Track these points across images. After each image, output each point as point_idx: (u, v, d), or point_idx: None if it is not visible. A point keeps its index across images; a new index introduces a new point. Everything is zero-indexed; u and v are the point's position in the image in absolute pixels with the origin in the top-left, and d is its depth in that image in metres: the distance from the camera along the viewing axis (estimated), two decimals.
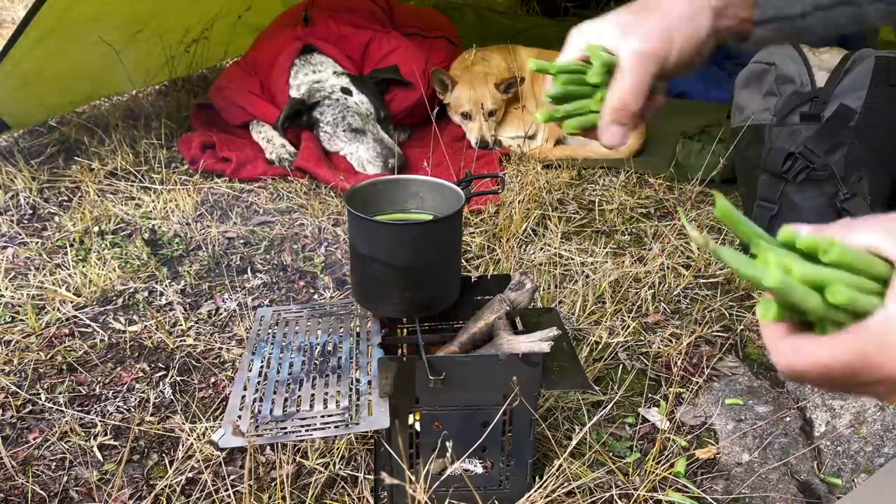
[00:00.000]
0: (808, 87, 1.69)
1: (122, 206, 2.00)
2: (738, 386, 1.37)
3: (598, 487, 1.13)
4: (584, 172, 2.34)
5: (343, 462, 1.16)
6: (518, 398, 0.98)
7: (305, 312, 1.19)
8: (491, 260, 1.74)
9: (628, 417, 1.30)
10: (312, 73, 2.41)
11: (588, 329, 1.52)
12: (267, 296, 1.64)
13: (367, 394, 0.97)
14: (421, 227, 1.02)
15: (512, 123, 2.65)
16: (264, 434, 0.90)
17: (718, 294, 1.65)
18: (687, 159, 2.31)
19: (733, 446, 1.23)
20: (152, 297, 1.62)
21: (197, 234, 1.87)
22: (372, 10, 2.78)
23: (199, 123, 2.54)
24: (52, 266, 1.72)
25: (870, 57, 1.63)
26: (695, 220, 2.01)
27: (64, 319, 1.53)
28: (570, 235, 1.92)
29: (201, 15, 2.77)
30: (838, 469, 1.18)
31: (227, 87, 2.51)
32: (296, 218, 2.00)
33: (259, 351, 1.08)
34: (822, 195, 1.68)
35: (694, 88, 3.29)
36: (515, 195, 2.01)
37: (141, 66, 2.60)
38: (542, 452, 1.18)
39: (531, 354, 0.96)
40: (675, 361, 1.43)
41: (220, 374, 1.38)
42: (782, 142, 1.71)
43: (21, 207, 2.01)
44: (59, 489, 1.13)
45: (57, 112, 2.61)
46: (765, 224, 1.75)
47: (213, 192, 2.13)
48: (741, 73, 1.91)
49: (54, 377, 1.37)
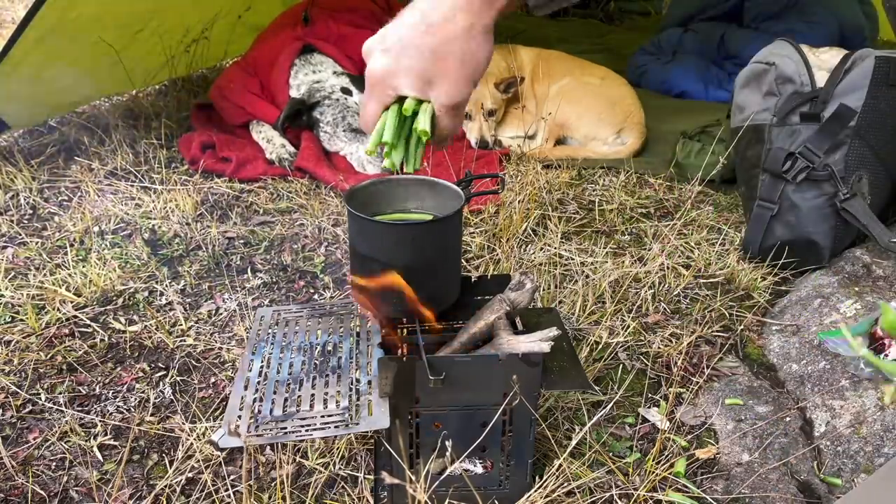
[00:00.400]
0: (808, 87, 1.69)
1: (122, 206, 2.01)
2: (738, 386, 1.37)
3: (598, 487, 1.13)
4: (584, 172, 2.34)
5: (343, 462, 1.16)
6: (518, 398, 0.98)
7: (305, 312, 1.19)
8: (491, 260, 1.74)
9: (628, 417, 1.30)
10: (312, 73, 2.41)
11: (588, 329, 1.52)
12: (267, 296, 1.64)
13: (367, 394, 0.97)
14: (421, 227, 1.02)
15: (512, 123, 2.65)
16: (264, 434, 0.90)
17: (718, 294, 1.65)
18: (687, 159, 2.31)
19: (733, 446, 1.23)
20: (152, 297, 1.62)
21: (197, 234, 1.88)
22: (372, 10, 2.78)
23: (199, 123, 2.54)
24: (52, 266, 1.72)
25: (870, 57, 1.63)
26: (695, 221, 2.01)
27: (64, 319, 1.53)
28: (570, 235, 1.92)
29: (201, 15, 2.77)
30: (838, 469, 1.18)
31: (227, 87, 2.51)
32: (296, 218, 2.00)
33: (259, 351, 1.08)
34: (822, 195, 1.68)
35: (694, 88, 3.30)
36: (515, 195, 2.01)
37: (141, 66, 2.60)
38: (542, 452, 1.18)
39: (531, 354, 0.96)
40: (675, 361, 1.43)
41: (220, 374, 1.38)
42: (782, 142, 1.71)
43: (21, 207, 2.01)
44: (59, 489, 1.13)
45: (57, 112, 2.61)
46: (765, 224, 1.75)
47: (213, 192, 2.13)
48: (741, 73, 1.91)
49: (54, 377, 1.37)
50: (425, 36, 0.79)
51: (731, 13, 3.53)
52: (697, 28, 3.56)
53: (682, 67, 3.36)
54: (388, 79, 0.83)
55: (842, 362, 1.36)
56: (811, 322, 1.51)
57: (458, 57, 0.80)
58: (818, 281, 1.64)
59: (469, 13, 0.77)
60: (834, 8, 3.31)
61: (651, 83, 3.38)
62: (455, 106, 0.85)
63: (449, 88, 0.82)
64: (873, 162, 1.66)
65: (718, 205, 2.15)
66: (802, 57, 1.73)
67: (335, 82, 2.38)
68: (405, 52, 0.81)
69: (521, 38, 2.95)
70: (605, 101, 2.60)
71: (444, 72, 0.81)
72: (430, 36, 0.79)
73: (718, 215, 2.07)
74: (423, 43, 0.79)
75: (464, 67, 0.81)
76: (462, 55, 0.80)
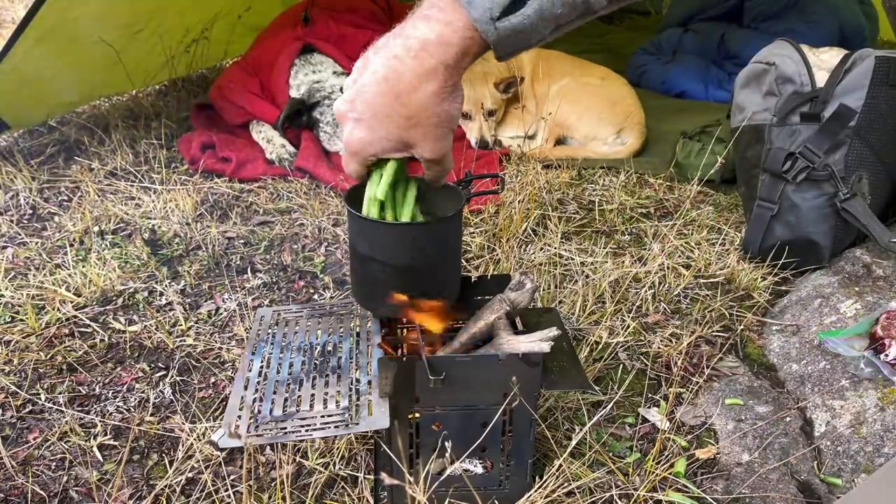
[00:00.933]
0: (808, 87, 1.69)
1: (122, 206, 2.00)
2: (738, 386, 1.37)
3: (598, 487, 1.13)
4: (584, 172, 2.34)
5: (343, 462, 1.16)
6: (518, 398, 0.98)
7: (305, 312, 1.19)
8: (491, 260, 1.74)
9: (628, 417, 1.30)
10: (312, 73, 2.41)
11: (588, 329, 1.52)
12: (267, 296, 1.64)
13: (367, 394, 0.96)
14: (421, 227, 1.01)
15: (512, 123, 2.65)
16: (264, 434, 0.90)
17: (718, 294, 1.65)
18: (687, 159, 2.31)
19: (733, 446, 1.23)
20: (152, 297, 1.62)
21: (197, 234, 1.87)
22: (372, 10, 2.78)
23: (199, 123, 2.54)
24: (52, 266, 1.72)
25: (870, 57, 1.63)
26: (695, 221, 2.01)
27: (64, 319, 1.53)
28: (570, 235, 1.92)
29: (201, 15, 2.77)
30: (838, 469, 1.18)
31: (227, 87, 2.51)
32: (296, 218, 2.00)
33: (259, 351, 1.08)
34: (822, 195, 1.68)
35: (694, 88, 3.30)
36: (515, 195, 2.01)
37: (141, 66, 2.60)
38: (542, 452, 1.18)
39: (531, 354, 0.96)
40: (675, 361, 1.43)
41: (220, 374, 1.38)
42: (782, 142, 1.71)
43: (21, 207, 2.01)
44: (59, 489, 1.13)
45: (57, 112, 2.61)
46: (765, 224, 1.75)
47: (213, 192, 2.13)
48: (741, 73, 1.91)
49: (54, 377, 1.37)
50: (396, 105, 0.80)
51: (731, 13, 3.53)
52: (697, 28, 3.56)
53: (682, 67, 3.36)
54: (367, 148, 0.85)
55: (842, 362, 1.36)
56: (811, 322, 1.51)
57: (433, 119, 0.81)
58: (818, 281, 1.64)
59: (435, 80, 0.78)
60: (834, 8, 3.31)
61: (651, 83, 3.37)
62: (439, 160, 0.86)
63: (429, 146, 0.84)
64: (873, 162, 1.66)
65: (718, 205, 2.15)
66: (802, 57, 1.73)
67: (335, 82, 2.38)
68: (379, 122, 0.82)
69: None
70: (605, 101, 2.60)
71: (422, 135, 0.82)
72: (402, 106, 0.80)
73: (718, 215, 2.07)
74: (396, 112, 0.81)
75: (440, 126, 0.82)
76: (436, 117, 0.81)
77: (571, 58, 2.86)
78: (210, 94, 2.61)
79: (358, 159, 0.87)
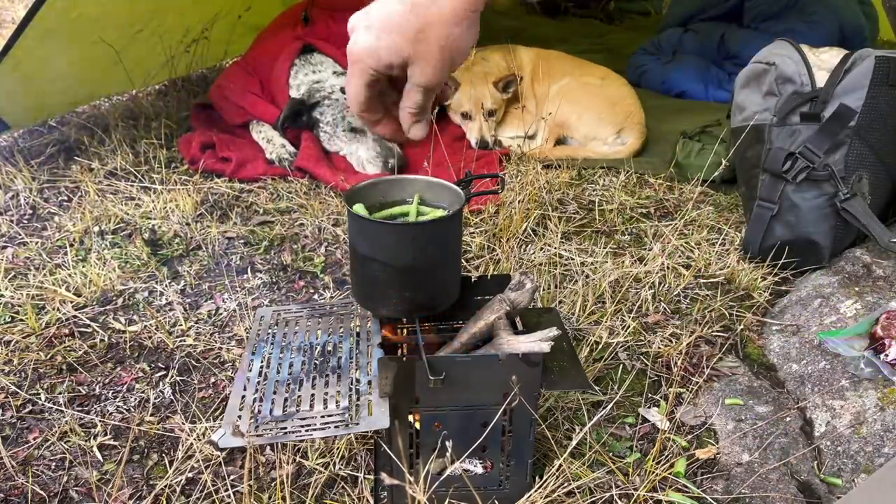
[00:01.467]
0: (808, 87, 1.69)
1: (122, 206, 2.00)
2: (738, 386, 1.37)
3: (598, 487, 1.13)
4: (584, 172, 2.34)
5: (343, 462, 1.16)
6: (518, 398, 0.98)
7: (305, 312, 1.19)
8: (491, 260, 1.74)
9: (628, 417, 1.30)
10: (312, 73, 2.41)
11: (588, 329, 1.52)
12: (267, 296, 1.64)
13: (367, 394, 0.96)
14: (421, 227, 1.01)
15: (512, 123, 2.65)
16: (264, 434, 0.90)
17: (718, 294, 1.65)
18: (687, 159, 2.31)
19: (733, 446, 1.23)
20: (152, 297, 1.62)
21: (197, 234, 1.87)
22: None
23: (199, 123, 2.54)
24: (52, 266, 1.72)
25: (870, 57, 1.63)
26: (695, 221, 2.01)
27: (64, 319, 1.53)
28: (570, 235, 1.92)
29: (201, 15, 2.77)
30: (838, 469, 1.18)
31: (227, 87, 2.51)
32: (296, 218, 2.00)
33: (259, 351, 1.08)
34: (822, 195, 1.68)
35: (694, 88, 3.30)
36: (515, 195, 2.01)
37: (141, 66, 2.60)
38: (542, 452, 1.18)
39: (531, 354, 0.96)
40: (675, 361, 1.43)
41: (220, 374, 1.38)
42: (782, 142, 1.71)
43: (21, 207, 2.01)
44: (59, 489, 1.13)
45: (57, 112, 2.61)
46: (765, 224, 1.75)
47: (213, 192, 2.13)
48: (741, 73, 1.91)
49: (54, 377, 1.37)
50: (409, 16, 0.79)
51: (731, 13, 3.53)
52: (697, 28, 3.56)
53: (682, 67, 3.36)
54: (368, 57, 0.83)
55: (842, 362, 1.36)
56: (811, 322, 1.51)
57: (441, 41, 0.79)
58: (818, 281, 1.64)
59: None
60: (834, 8, 3.32)
61: (651, 83, 3.38)
62: (430, 88, 0.84)
63: (427, 70, 0.82)
64: (873, 162, 1.66)
65: (718, 205, 2.15)
66: (802, 57, 1.73)
67: (335, 82, 2.38)
68: (387, 31, 0.80)
69: (520, 38, 2.95)
70: (605, 101, 2.60)
71: (424, 54, 0.80)
72: (415, 17, 0.79)
73: (718, 215, 2.07)
74: (407, 22, 0.79)
75: (444, 52, 0.80)
76: (444, 39, 0.79)
77: (571, 58, 2.86)
78: (210, 94, 2.61)
79: (358, 70, 0.84)
